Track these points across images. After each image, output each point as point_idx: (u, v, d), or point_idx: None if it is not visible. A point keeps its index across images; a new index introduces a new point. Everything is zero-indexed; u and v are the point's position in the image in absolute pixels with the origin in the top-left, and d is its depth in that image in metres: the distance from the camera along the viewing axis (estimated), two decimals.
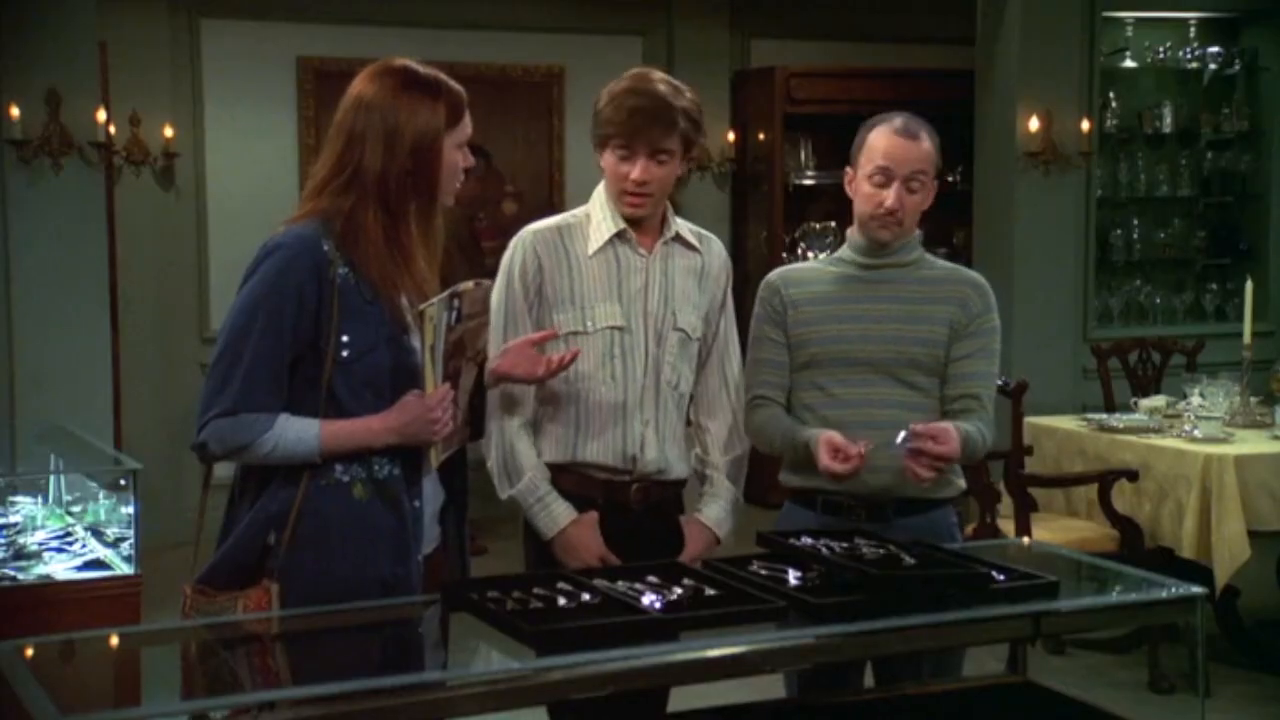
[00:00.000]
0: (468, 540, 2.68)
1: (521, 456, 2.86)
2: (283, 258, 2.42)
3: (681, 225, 2.98)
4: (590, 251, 2.88)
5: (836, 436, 2.85)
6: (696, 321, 2.96)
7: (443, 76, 2.54)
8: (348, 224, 2.46)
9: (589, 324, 2.86)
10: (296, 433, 2.41)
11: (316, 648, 2.44)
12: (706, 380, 3.02)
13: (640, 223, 2.91)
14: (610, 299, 2.87)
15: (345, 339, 2.42)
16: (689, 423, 3.05)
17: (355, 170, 2.46)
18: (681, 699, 2.68)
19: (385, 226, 2.46)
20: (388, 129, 2.46)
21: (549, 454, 2.89)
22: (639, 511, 2.90)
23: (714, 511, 2.99)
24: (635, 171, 2.83)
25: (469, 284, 2.54)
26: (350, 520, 2.45)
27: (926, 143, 2.97)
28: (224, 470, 2.57)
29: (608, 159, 2.87)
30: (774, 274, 3.12)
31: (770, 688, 2.94)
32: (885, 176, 2.94)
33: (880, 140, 2.96)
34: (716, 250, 3.04)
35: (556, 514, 2.85)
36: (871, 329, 2.97)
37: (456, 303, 2.48)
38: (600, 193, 2.94)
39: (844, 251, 3.08)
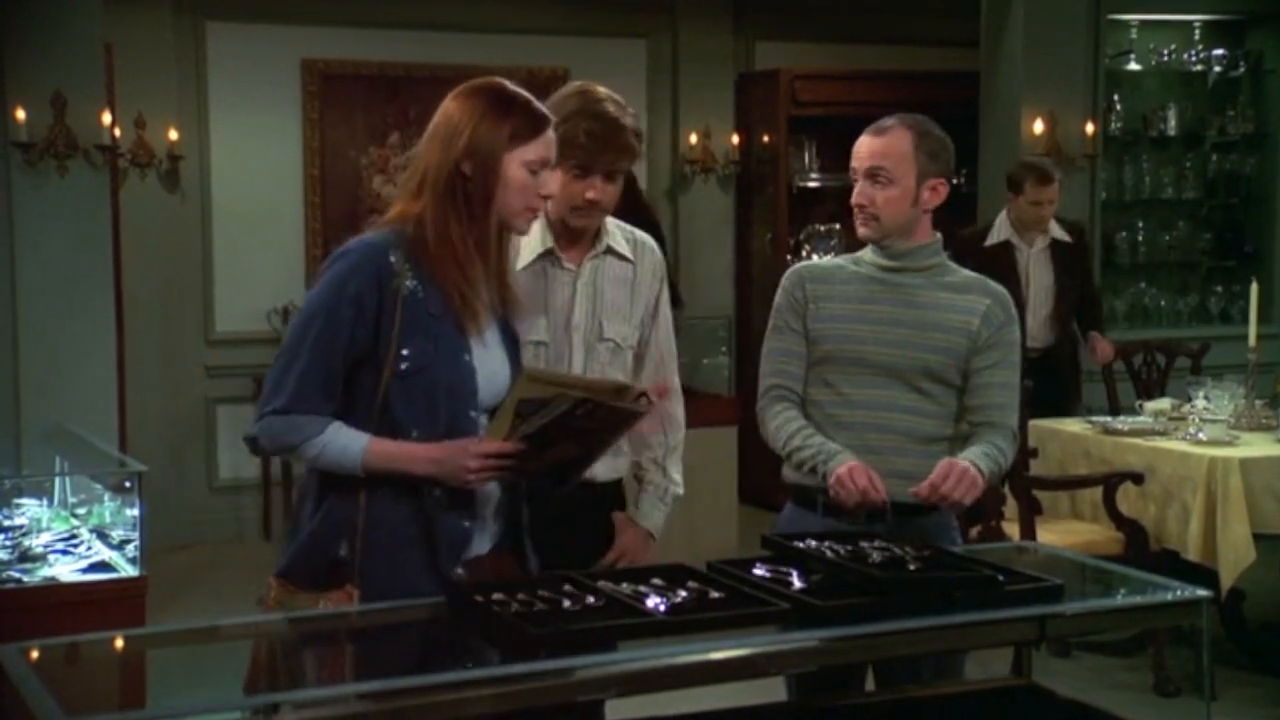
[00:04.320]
0: (526, 535, 2.66)
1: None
2: (346, 264, 2.48)
3: (616, 235, 2.99)
4: (518, 266, 2.85)
5: (862, 469, 2.86)
6: (629, 330, 2.99)
7: (525, 95, 2.56)
8: (417, 228, 2.50)
9: None
10: (344, 444, 2.45)
11: (320, 650, 2.45)
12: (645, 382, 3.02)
13: (573, 237, 2.90)
14: (535, 314, 2.85)
15: (405, 351, 2.45)
16: None
17: (422, 172, 2.53)
18: (683, 702, 2.67)
19: (442, 228, 2.48)
20: (448, 129, 2.51)
21: None
22: (565, 510, 2.86)
23: (645, 508, 3.05)
24: (591, 192, 2.84)
25: (619, 401, 2.47)
26: (414, 524, 2.48)
27: (892, 136, 2.97)
28: (228, 472, 2.57)
29: (559, 177, 2.79)
30: (799, 266, 3.14)
31: (770, 690, 2.94)
32: (855, 174, 3.00)
33: (857, 141, 3.02)
34: (649, 257, 3.05)
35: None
36: (886, 333, 2.97)
37: (585, 408, 2.41)
38: None
39: (865, 252, 3.08)
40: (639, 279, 3.01)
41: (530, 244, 2.91)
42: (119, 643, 2.51)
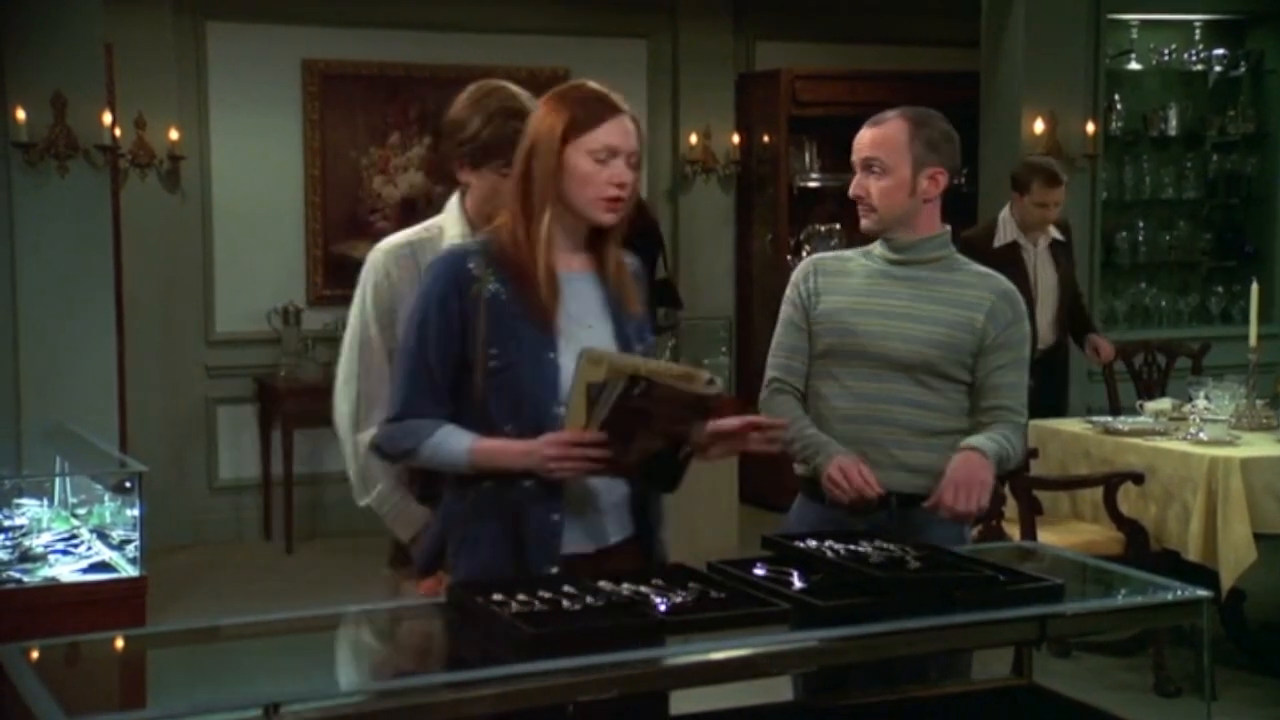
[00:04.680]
0: (661, 529, 2.69)
1: (374, 467, 2.90)
2: (430, 275, 2.62)
3: None
4: None
5: (853, 465, 2.88)
6: None
7: (591, 88, 2.61)
8: (502, 233, 2.59)
9: None
10: (452, 444, 2.56)
11: (322, 650, 2.45)
12: None
13: None
14: None
15: (493, 351, 2.54)
16: None
17: (511, 183, 2.62)
18: (687, 702, 2.67)
19: (516, 229, 2.57)
20: (526, 136, 2.61)
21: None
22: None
23: None
24: None
25: (671, 376, 2.47)
26: (503, 517, 2.55)
27: (888, 127, 2.98)
28: (228, 472, 2.58)
29: (487, 178, 2.85)
30: (808, 260, 3.16)
31: (776, 690, 2.94)
32: (855, 166, 3.01)
33: None
34: None
35: (410, 518, 2.91)
36: (887, 326, 2.98)
37: (640, 387, 2.43)
38: (455, 208, 2.95)
39: (875, 245, 3.09)
40: None
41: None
42: (119, 643, 2.51)
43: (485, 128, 2.82)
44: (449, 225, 2.94)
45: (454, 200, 2.97)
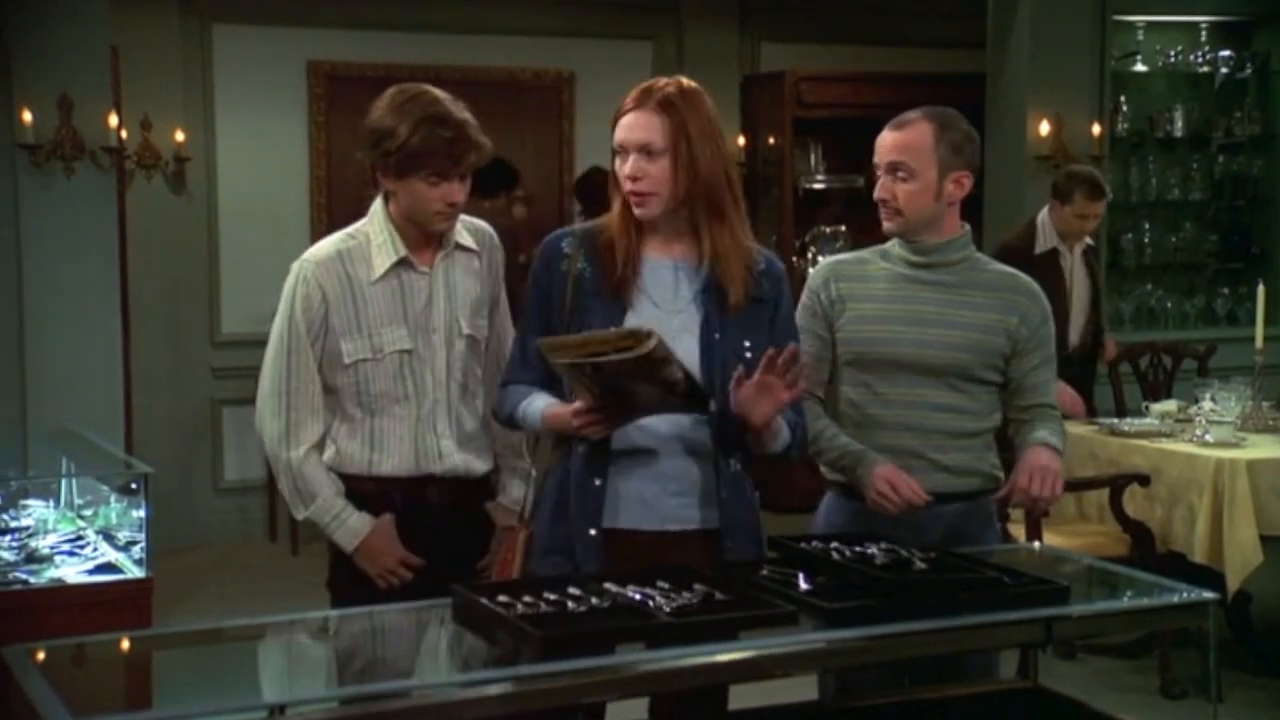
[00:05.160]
0: (737, 533, 2.70)
1: (311, 480, 2.92)
2: (535, 255, 2.80)
3: (459, 229, 3.01)
4: (373, 278, 2.91)
5: (899, 477, 2.88)
6: (482, 322, 3.01)
7: (643, 83, 2.82)
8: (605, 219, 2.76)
9: (377, 351, 2.90)
10: (534, 409, 2.72)
11: (326, 650, 2.45)
12: (488, 373, 3.05)
13: (425, 240, 2.93)
14: (396, 323, 2.90)
15: (573, 325, 2.68)
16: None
17: None
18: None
19: (609, 215, 2.75)
20: None
21: (345, 468, 2.95)
22: (440, 508, 2.95)
23: (515, 493, 3.05)
24: (453, 195, 2.88)
25: (628, 351, 2.49)
26: (558, 483, 2.71)
27: (913, 130, 2.96)
28: (233, 474, 2.58)
29: (414, 186, 2.85)
30: (825, 265, 3.13)
31: (792, 690, 2.93)
32: (878, 169, 3.00)
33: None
34: (490, 243, 3.07)
35: (353, 528, 2.92)
36: (920, 333, 2.96)
37: (590, 368, 2.50)
38: (380, 213, 2.94)
39: (893, 245, 3.06)
40: (484, 266, 3.04)
41: (382, 252, 2.92)
42: (125, 644, 2.52)
43: (413, 135, 2.82)
44: (374, 232, 2.94)
45: (377, 204, 2.96)
